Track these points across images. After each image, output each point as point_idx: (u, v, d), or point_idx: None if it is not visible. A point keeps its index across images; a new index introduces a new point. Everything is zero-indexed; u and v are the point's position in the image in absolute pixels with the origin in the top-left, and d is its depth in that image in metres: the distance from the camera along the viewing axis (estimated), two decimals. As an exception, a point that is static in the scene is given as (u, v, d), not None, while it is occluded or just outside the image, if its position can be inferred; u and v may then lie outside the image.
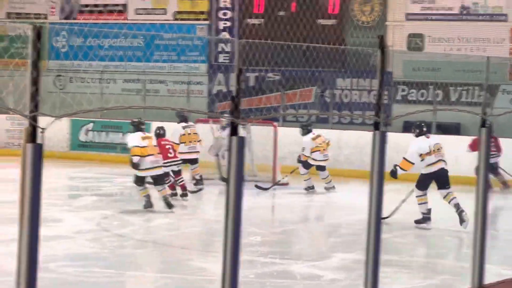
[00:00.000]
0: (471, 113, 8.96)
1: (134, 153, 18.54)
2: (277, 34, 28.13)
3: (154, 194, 18.62)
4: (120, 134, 28.73)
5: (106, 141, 28.99)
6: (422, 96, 28.28)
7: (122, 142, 28.65)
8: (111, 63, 31.81)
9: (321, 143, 22.39)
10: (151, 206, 18.98)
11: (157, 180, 19.06)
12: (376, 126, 6.27)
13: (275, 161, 23.06)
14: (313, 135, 22.52)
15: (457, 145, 24.15)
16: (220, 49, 31.52)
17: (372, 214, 6.24)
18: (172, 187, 20.48)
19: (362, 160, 24.08)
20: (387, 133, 6.33)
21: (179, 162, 20.90)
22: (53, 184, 21.65)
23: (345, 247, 15.54)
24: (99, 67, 31.74)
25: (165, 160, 19.84)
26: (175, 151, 20.83)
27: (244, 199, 5.63)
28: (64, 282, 11.63)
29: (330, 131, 27.01)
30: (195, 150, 22.29)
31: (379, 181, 6.25)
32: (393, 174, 17.41)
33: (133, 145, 18.86)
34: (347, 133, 26.65)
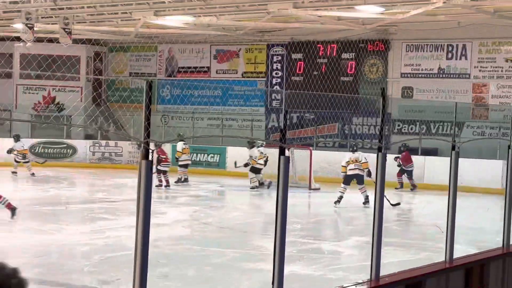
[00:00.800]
0: (445, 141, 8.90)
1: None
2: (312, 87, 28.06)
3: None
4: (205, 155, 28.80)
5: (196, 159, 29.03)
6: (411, 129, 28.09)
7: (206, 160, 28.75)
8: (199, 107, 31.91)
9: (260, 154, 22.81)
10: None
11: None
12: (379, 149, 6.25)
13: (310, 174, 22.96)
14: (257, 149, 22.87)
15: (434, 162, 23.97)
16: (273, 97, 31.50)
17: (377, 209, 6.20)
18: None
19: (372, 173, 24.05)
20: (386, 154, 6.32)
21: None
22: (160, 188, 21.78)
23: (358, 233, 15.43)
24: (191, 109, 31.86)
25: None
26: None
27: (288, 199, 5.62)
28: (166, 255, 11.67)
29: (347, 153, 26.93)
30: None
31: (381, 187, 6.22)
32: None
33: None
34: (364, 155, 26.57)
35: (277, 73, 31.29)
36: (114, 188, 23.01)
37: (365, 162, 20.25)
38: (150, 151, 4.63)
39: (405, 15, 23.93)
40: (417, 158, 24.96)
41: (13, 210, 15.24)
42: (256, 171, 22.82)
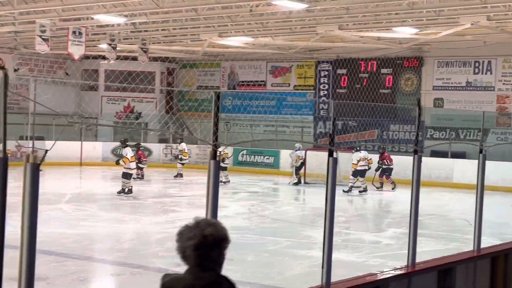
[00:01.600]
0: (474, 145, 8.77)
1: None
2: (354, 98, 27.96)
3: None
4: (261, 157, 28.87)
5: (253, 161, 29.13)
6: (442, 135, 27.76)
7: (262, 161, 28.82)
8: (257, 115, 32.01)
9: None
10: None
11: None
12: (415, 152, 6.21)
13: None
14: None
15: (462, 164, 23.66)
16: (321, 107, 31.42)
17: (413, 204, 6.16)
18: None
19: (405, 173, 23.78)
20: (422, 157, 6.28)
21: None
22: (223, 184, 21.90)
23: (396, 225, 15.33)
24: (250, 118, 31.97)
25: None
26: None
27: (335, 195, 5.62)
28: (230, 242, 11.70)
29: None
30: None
31: (417, 185, 6.17)
32: None
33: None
34: (396, 157, 26.30)
35: (324, 86, 31.23)
36: (183, 185, 23.19)
37: (370, 158, 22.47)
38: (217, 153, 4.67)
39: (437, 35, 23.74)
40: (447, 161, 24.70)
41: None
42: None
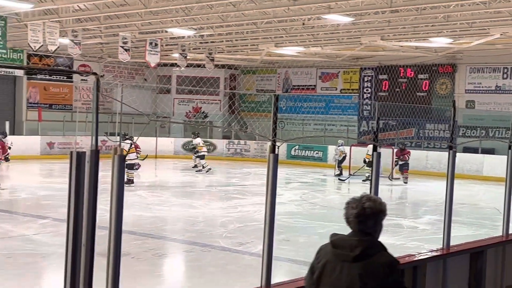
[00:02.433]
0: (503, 141, 8.55)
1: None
2: (394, 100, 27.65)
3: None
4: (311, 151, 28.78)
5: (304, 155, 29.06)
6: (473, 133, 27.21)
7: (312, 155, 28.72)
8: (308, 115, 31.96)
9: (203, 143, 23.92)
10: None
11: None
12: (450, 147, 6.11)
13: (392, 167, 22.57)
14: (201, 139, 24.05)
15: (492, 159, 23.19)
16: (364, 108, 31.15)
17: (448, 194, 6.06)
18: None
19: (440, 166, 23.44)
20: (456, 152, 6.16)
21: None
22: (277, 176, 21.86)
23: (431, 212, 15.11)
24: (301, 117, 31.92)
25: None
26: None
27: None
28: (283, 226, 11.70)
29: (423, 151, 26.43)
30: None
31: (451, 178, 6.06)
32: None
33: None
34: (431, 152, 25.99)
35: (367, 90, 30.97)
36: (243, 175, 23.30)
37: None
38: (276, 147, 4.66)
39: (469, 45, 23.27)
40: (478, 156, 24.20)
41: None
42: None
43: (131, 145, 18.96)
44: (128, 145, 19.00)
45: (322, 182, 22.71)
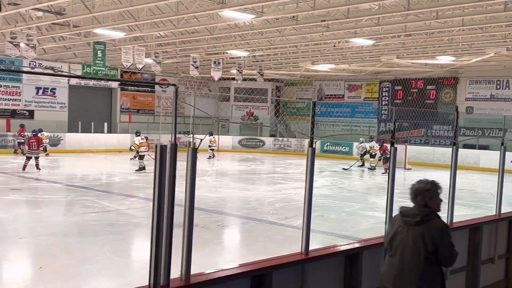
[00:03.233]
0: (497, 139, 8.27)
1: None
2: (407, 106, 27.13)
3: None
4: (340, 147, 28.47)
5: (334, 150, 28.78)
6: (471, 133, 26.44)
7: (340, 150, 28.40)
8: (337, 118, 31.61)
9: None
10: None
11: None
12: (454, 144, 5.96)
13: (405, 159, 22.18)
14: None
15: (487, 154, 22.49)
16: (382, 113, 30.65)
17: (451, 181, 5.90)
18: None
19: (444, 159, 22.90)
20: (458, 147, 6.00)
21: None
22: (314, 166, 21.68)
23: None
24: (332, 120, 31.62)
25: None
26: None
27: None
28: (317, 205, 11.59)
29: (431, 147, 25.88)
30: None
31: (454, 169, 5.89)
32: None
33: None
34: (437, 148, 25.40)
35: (385, 98, 30.45)
36: (286, 166, 23.24)
37: (375, 148, 21.85)
38: (314, 142, 4.62)
39: (468, 62, 22.67)
40: (475, 151, 23.51)
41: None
42: (361, 156, 22.99)
43: (145, 139, 18.69)
44: (139, 139, 18.59)
45: (348, 171, 22.43)
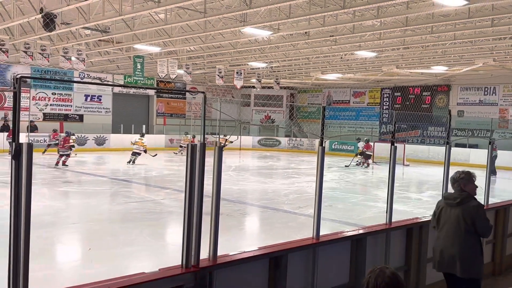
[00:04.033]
0: (484, 139, 8.13)
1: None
2: (406, 110, 26.81)
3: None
4: (346, 146, 28.24)
5: (341, 148, 28.56)
6: (462, 133, 25.93)
7: (346, 148, 28.16)
8: (344, 121, 31.38)
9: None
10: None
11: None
12: (447, 143, 5.87)
13: (404, 156, 21.93)
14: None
15: (476, 152, 22.08)
16: (383, 116, 30.29)
17: (445, 175, 5.80)
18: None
19: (438, 156, 22.57)
20: (451, 146, 5.90)
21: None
22: (324, 162, 21.48)
23: (432, 188, 14.51)
24: (339, 122, 31.39)
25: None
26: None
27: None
28: (327, 196, 11.50)
29: (426, 146, 25.52)
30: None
31: (447, 164, 5.79)
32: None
33: None
34: (432, 147, 25.03)
35: (386, 103, 30.10)
36: (299, 162, 23.15)
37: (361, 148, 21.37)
38: (324, 142, 4.57)
39: (460, 71, 22.31)
40: (466, 149, 23.12)
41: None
42: (361, 154, 21.99)
43: (143, 137, 19.23)
44: (137, 138, 19.02)
45: (354, 167, 22.25)
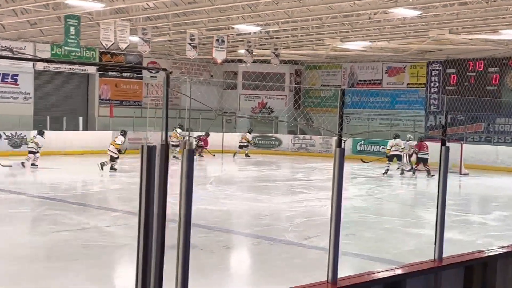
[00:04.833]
0: None
1: None
2: (463, 95, 27.01)
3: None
4: (377, 146, 28.41)
5: (370, 150, 28.73)
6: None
7: (378, 150, 28.35)
8: (374, 110, 31.55)
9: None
10: None
11: None
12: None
13: (461, 162, 22.09)
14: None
15: None
16: (431, 103, 30.52)
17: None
18: None
19: (511, 162, 22.83)
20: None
21: None
22: (343, 171, 21.63)
23: (501, 208, 14.72)
24: (367, 112, 31.57)
25: None
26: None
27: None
28: (349, 220, 11.55)
29: (493, 146, 25.77)
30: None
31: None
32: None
33: None
34: (502, 147, 25.28)
35: (434, 84, 30.35)
36: (309, 170, 23.23)
37: (403, 147, 21.97)
38: (343, 141, 4.60)
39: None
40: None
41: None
42: (390, 158, 22.17)
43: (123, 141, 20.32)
44: (122, 138, 20.31)
45: (388, 177, 22.36)
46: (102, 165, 19.57)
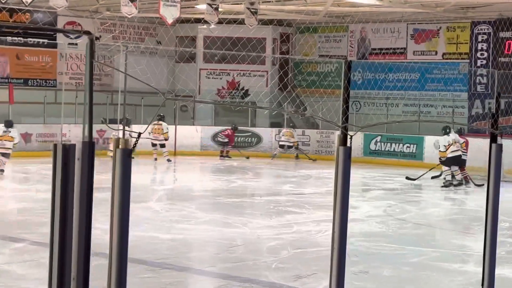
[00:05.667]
0: None
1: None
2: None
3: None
4: (400, 145, 28.60)
5: (390, 150, 28.91)
6: None
7: (401, 151, 28.54)
8: (394, 92, 31.72)
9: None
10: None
11: None
12: None
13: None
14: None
15: None
16: (478, 81, 30.76)
17: None
18: None
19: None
20: None
21: None
22: (350, 180, 21.71)
23: None
24: (385, 95, 31.75)
25: None
26: None
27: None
28: (359, 252, 11.68)
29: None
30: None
31: None
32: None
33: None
34: None
35: (482, 54, 30.58)
36: (301, 180, 23.29)
37: (463, 142, 22.25)
38: (348, 137, 4.63)
39: None
40: None
41: None
42: (449, 162, 22.01)
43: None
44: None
45: (416, 188, 22.50)
46: None
